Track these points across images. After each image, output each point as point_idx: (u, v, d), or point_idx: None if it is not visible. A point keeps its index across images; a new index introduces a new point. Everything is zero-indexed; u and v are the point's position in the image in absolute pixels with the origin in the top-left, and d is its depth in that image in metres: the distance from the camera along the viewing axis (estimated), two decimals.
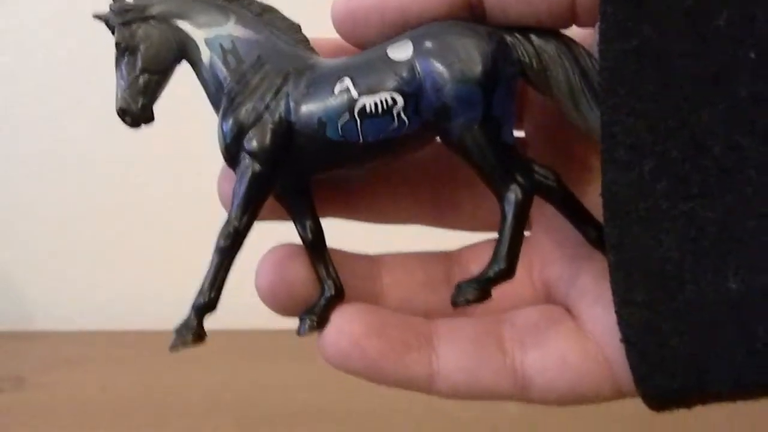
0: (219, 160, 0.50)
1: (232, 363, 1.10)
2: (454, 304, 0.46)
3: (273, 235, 0.52)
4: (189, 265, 0.48)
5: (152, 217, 1.24)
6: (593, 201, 0.45)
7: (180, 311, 0.49)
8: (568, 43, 0.46)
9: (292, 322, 0.49)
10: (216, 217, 0.49)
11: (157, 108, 0.51)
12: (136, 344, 1.15)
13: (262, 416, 0.96)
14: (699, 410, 0.44)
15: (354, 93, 0.46)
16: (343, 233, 0.54)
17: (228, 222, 0.48)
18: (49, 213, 1.26)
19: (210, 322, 0.48)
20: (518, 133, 0.55)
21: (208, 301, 0.47)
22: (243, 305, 1.09)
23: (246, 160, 0.47)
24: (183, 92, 0.52)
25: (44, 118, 1.22)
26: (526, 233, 0.56)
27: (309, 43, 0.51)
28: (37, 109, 1.22)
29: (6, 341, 1.21)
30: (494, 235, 0.47)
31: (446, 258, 0.56)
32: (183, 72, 0.52)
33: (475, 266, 0.50)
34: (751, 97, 0.38)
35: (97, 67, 1.19)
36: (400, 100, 0.45)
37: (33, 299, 1.30)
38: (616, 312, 0.43)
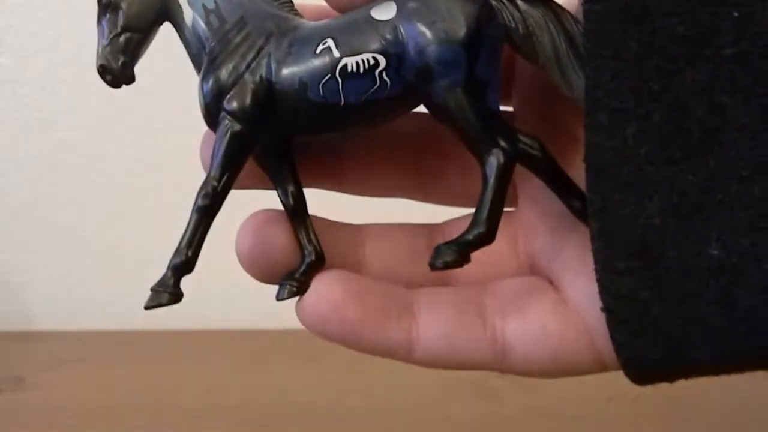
0: None
1: (232, 363, 1.10)
2: (432, 266, 0.45)
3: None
4: None
5: (151, 217, 1.23)
6: (579, 173, 0.44)
7: (179, 311, 0.48)
8: (555, 9, 0.46)
9: (292, 323, 0.49)
10: (216, 219, 0.49)
11: (158, 111, 0.51)
12: (135, 344, 1.15)
13: (262, 416, 0.95)
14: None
15: (336, 53, 0.45)
16: (327, 209, 0.54)
17: (207, 181, 0.47)
18: (49, 214, 1.27)
19: (210, 323, 0.48)
20: (507, 108, 0.55)
21: (185, 260, 0.47)
22: (243, 305, 1.09)
23: (226, 121, 0.47)
24: (183, 99, 0.52)
25: (43, 120, 1.23)
26: (512, 208, 0.56)
27: (293, 6, 0.51)
28: (37, 111, 1.22)
29: (5, 341, 1.20)
30: None
31: (430, 229, 0.56)
32: (183, 76, 0.52)
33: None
34: (734, 56, 0.38)
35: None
36: (382, 60, 0.45)
37: (32, 299, 1.30)
38: (598, 280, 0.43)
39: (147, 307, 0.47)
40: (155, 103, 1.09)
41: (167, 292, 0.47)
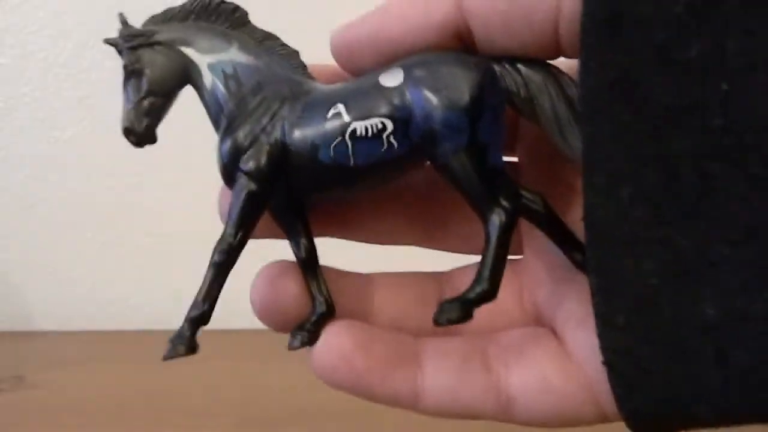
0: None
1: (232, 363, 1.10)
2: (436, 323, 0.47)
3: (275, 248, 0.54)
4: (188, 265, 0.49)
5: (152, 217, 1.26)
6: (581, 225, 0.45)
7: (179, 311, 0.50)
8: (555, 73, 0.48)
9: None
10: (215, 218, 0.51)
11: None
12: (135, 344, 1.15)
13: (262, 416, 0.96)
14: None
15: (346, 118, 0.47)
16: (338, 254, 0.56)
17: (223, 238, 0.49)
18: (49, 213, 1.29)
19: (211, 323, 0.50)
20: (512, 159, 0.57)
21: (201, 314, 0.49)
22: (243, 305, 1.09)
23: (242, 180, 0.49)
24: (182, 99, 0.53)
25: (43, 119, 1.25)
26: (518, 257, 0.57)
27: (307, 69, 0.53)
28: (37, 110, 1.25)
29: (5, 341, 1.22)
30: None
31: (438, 278, 0.57)
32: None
33: (467, 287, 0.50)
34: (721, 127, 0.39)
35: (96, 68, 1.21)
36: (389, 124, 0.47)
37: (32, 299, 1.32)
38: (598, 335, 0.44)
39: (165, 359, 0.49)
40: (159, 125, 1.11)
41: (184, 345, 0.49)
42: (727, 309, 0.40)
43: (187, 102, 0.54)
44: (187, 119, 0.57)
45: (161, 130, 0.53)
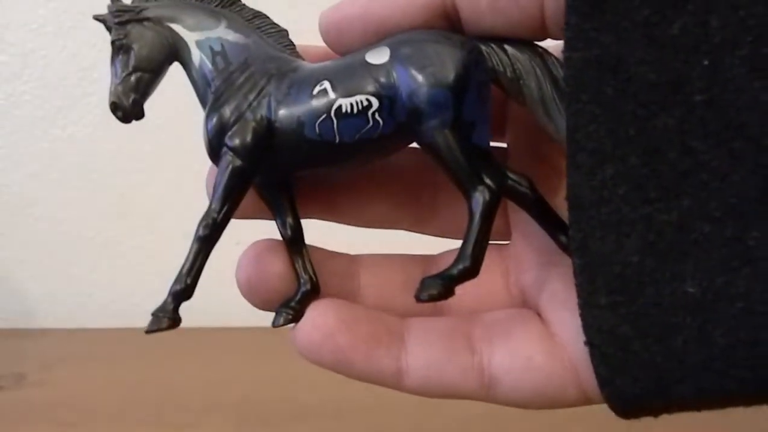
0: None
1: (232, 360, 1.11)
2: (418, 299, 0.47)
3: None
4: None
5: (153, 215, 1.26)
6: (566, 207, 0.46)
7: (181, 309, 0.50)
8: (542, 53, 0.48)
9: None
10: None
11: (159, 109, 0.53)
12: (136, 341, 1.14)
13: (262, 414, 0.97)
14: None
15: (332, 95, 0.48)
16: (325, 237, 0.56)
17: (208, 213, 0.50)
18: (50, 211, 1.29)
19: (212, 320, 0.50)
20: (501, 144, 0.57)
21: (184, 288, 0.49)
22: (243, 303, 1.09)
23: (227, 156, 0.49)
24: (183, 97, 0.54)
25: (43, 117, 1.25)
26: (506, 242, 0.58)
27: (295, 48, 0.53)
28: (37, 108, 1.25)
29: (7, 338, 1.23)
30: None
31: (425, 261, 0.57)
32: (185, 76, 0.53)
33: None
34: (704, 102, 0.39)
35: (96, 66, 1.21)
36: (375, 102, 0.47)
37: (34, 297, 1.32)
38: (581, 315, 0.44)
39: (148, 332, 0.49)
40: (156, 101, 1.11)
41: (167, 317, 0.49)
42: (708, 287, 0.41)
43: (186, 102, 0.54)
44: (188, 119, 0.57)
45: (162, 129, 0.53)
